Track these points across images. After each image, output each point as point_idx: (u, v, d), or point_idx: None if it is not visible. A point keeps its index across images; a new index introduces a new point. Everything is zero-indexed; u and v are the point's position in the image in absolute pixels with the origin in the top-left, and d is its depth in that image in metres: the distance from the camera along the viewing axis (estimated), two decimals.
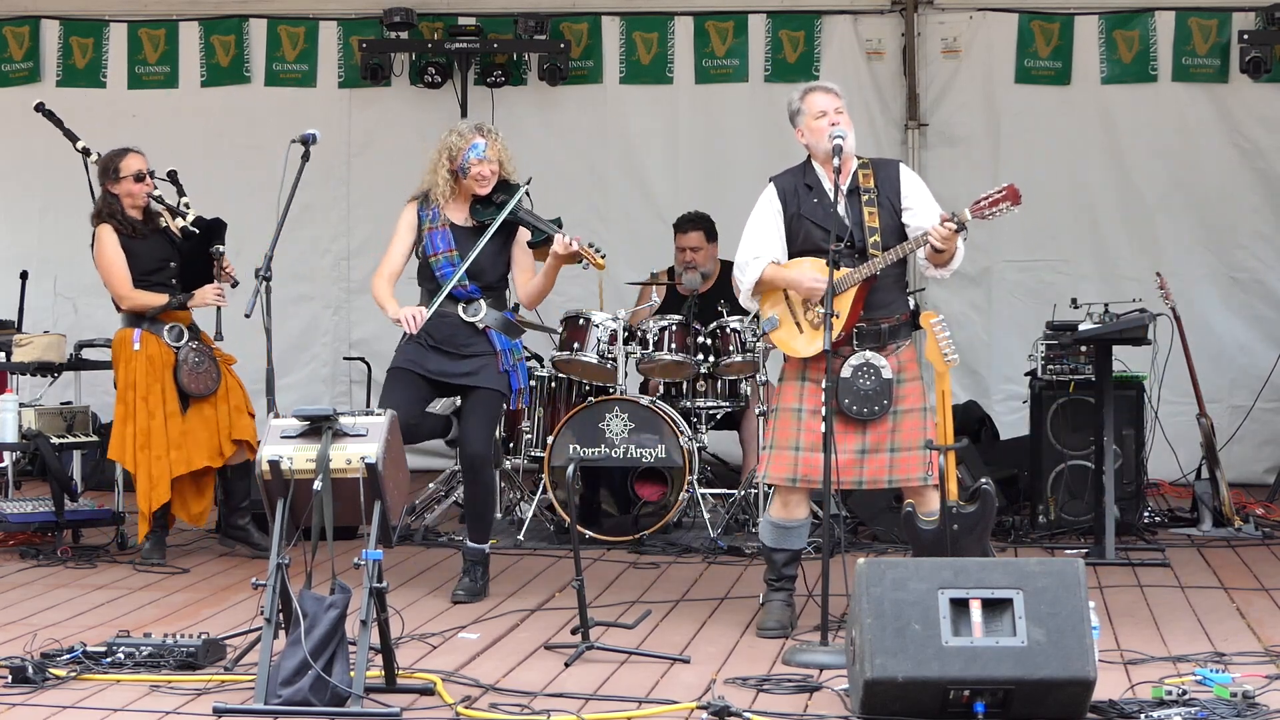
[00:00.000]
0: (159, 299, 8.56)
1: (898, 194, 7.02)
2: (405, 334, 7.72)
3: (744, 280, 7.06)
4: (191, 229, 8.64)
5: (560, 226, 7.63)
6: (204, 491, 8.80)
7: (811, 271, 6.92)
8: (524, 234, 7.77)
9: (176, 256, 8.65)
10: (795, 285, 6.96)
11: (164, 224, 8.70)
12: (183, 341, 8.58)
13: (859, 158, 7.04)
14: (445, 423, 8.02)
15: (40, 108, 9.60)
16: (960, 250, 6.95)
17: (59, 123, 9.36)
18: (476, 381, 7.72)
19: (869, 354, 6.92)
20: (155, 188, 8.66)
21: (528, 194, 7.77)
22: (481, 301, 7.73)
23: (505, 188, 7.72)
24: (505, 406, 7.92)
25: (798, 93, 7.07)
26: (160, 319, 8.59)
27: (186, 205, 8.79)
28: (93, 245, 8.73)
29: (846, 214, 6.94)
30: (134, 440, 8.52)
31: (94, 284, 11.63)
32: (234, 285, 8.58)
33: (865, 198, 6.94)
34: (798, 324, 7.01)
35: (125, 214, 8.62)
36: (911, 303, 7.24)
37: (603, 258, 7.56)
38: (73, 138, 9.22)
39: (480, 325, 7.70)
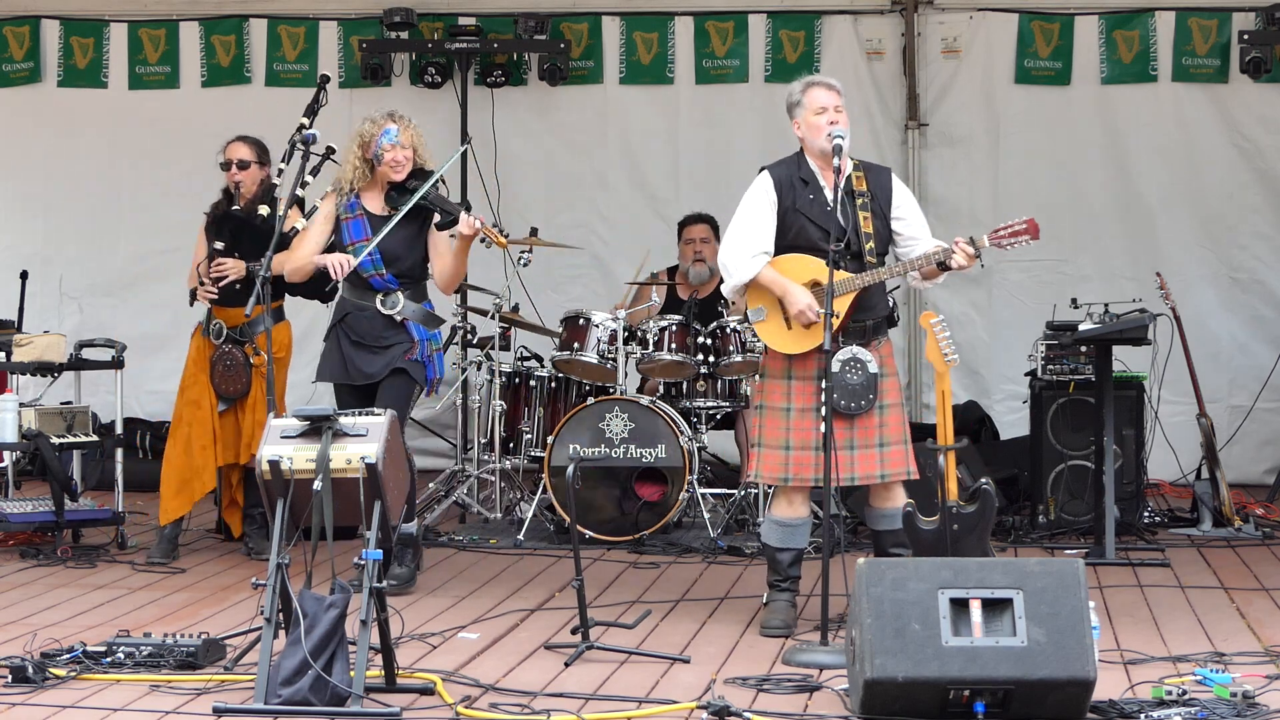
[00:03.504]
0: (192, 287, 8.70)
1: (889, 202, 7.06)
2: (326, 339, 7.78)
3: (737, 274, 7.04)
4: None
5: (468, 210, 7.62)
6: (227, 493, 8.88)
7: (807, 297, 6.90)
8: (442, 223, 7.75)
9: (244, 246, 8.55)
10: (788, 303, 6.93)
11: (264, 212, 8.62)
12: (220, 340, 8.61)
13: (851, 159, 7.05)
14: None
15: (322, 80, 9.15)
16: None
17: (318, 94, 8.94)
18: (388, 368, 7.73)
19: (855, 349, 6.94)
20: (245, 180, 8.57)
21: (443, 180, 7.75)
22: (399, 294, 7.74)
23: (421, 175, 7.72)
24: (425, 392, 7.90)
25: (799, 85, 7.08)
26: (213, 314, 8.65)
27: (304, 184, 8.48)
28: None
29: (844, 216, 6.95)
30: (179, 428, 8.66)
31: (98, 284, 11.74)
32: (215, 282, 8.51)
33: (860, 201, 6.96)
34: (785, 320, 7.01)
35: (222, 199, 8.67)
36: (890, 301, 7.27)
37: (505, 236, 7.54)
38: (310, 113, 8.83)
39: (398, 317, 7.72)
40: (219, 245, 8.55)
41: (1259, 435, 11.21)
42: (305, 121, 8.51)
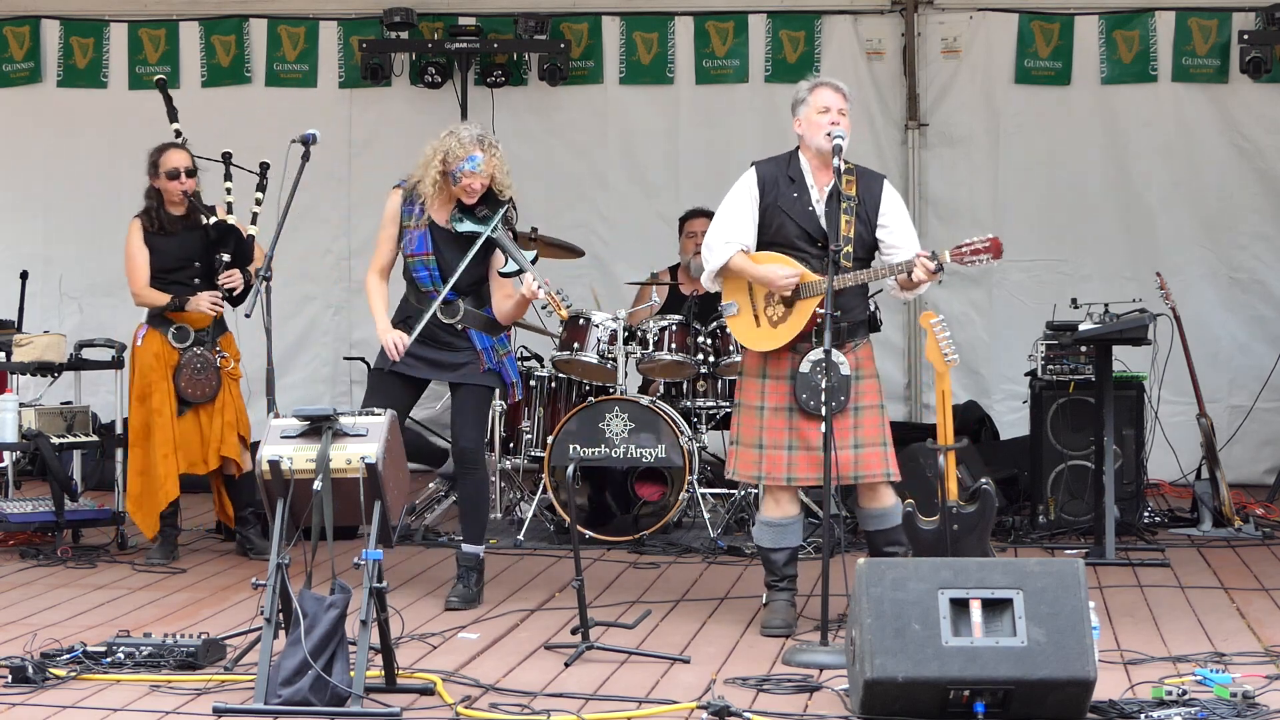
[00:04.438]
0: (163, 299, 8.57)
1: (876, 209, 7.05)
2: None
3: (711, 261, 7.10)
4: (212, 229, 8.62)
5: (534, 263, 7.52)
6: (218, 493, 8.83)
7: (784, 269, 6.93)
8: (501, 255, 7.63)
9: (203, 257, 8.62)
10: (767, 282, 6.95)
11: (204, 220, 8.64)
12: (186, 344, 8.59)
13: (845, 162, 7.03)
14: (431, 451, 7.85)
15: (161, 84, 9.51)
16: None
17: (168, 100, 9.24)
18: (462, 378, 7.65)
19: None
20: (188, 183, 8.59)
21: (514, 206, 7.67)
22: (459, 303, 7.62)
23: (490, 201, 7.62)
24: (504, 399, 7.81)
25: (807, 84, 7.09)
26: (170, 318, 8.59)
27: (227, 190, 8.71)
28: None
29: (825, 215, 6.95)
30: (144, 437, 8.57)
31: (99, 284, 11.72)
32: (224, 296, 8.55)
33: (845, 205, 6.95)
34: (755, 317, 7.03)
35: (159, 209, 8.63)
36: (871, 304, 7.26)
37: (568, 308, 7.43)
38: (173, 118, 9.10)
39: (459, 326, 7.62)
40: (226, 258, 8.54)
41: (1259, 435, 11.22)
42: (177, 127, 8.69)
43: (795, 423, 6.96)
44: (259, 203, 8.67)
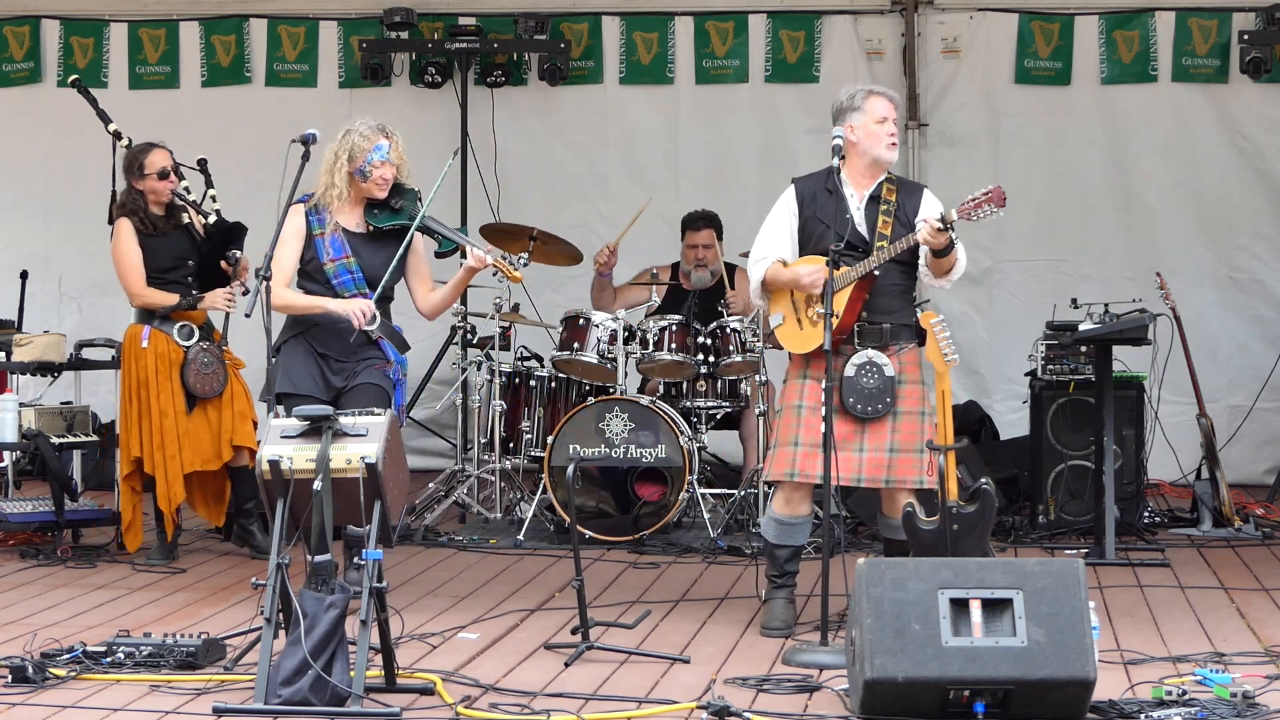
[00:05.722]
0: (170, 298, 8.52)
1: (916, 211, 7.07)
2: (274, 352, 7.33)
3: (752, 280, 7.18)
4: (212, 229, 8.61)
5: (467, 234, 7.43)
6: (221, 491, 8.79)
7: (808, 266, 6.95)
8: (421, 241, 7.47)
9: (195, 255, 8.60)
10: (794, 283, 7.00)
11: (187, 220, 8.64)
12: (192, 341, 8.57)
13: (888, 172, 7.08)
14: None
15: (76, 84, 9.58)
16: (961, 261, 7.04)
17: (93, 101, 9.32)
18: (359, 379, 7.40)
19: (872, 352, 6.94)
20: (178, 184, 8.60)
21: (419, 200, 7.48)
22: (376, 312, 7.40)
23: (400, 192, 7.46)
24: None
25: (860, 92, 7.06)
26: (171, 317, 8.56)
27: (213, 198, 8.78)
28: (111, 238, 8.63)
29: (864, 219, 6.97)
30: (150, 440, 8.50)
31: (98, 284, 11.72)
32: (244, 293, 8.52)
33: (884, 207, 6.99)
34: (799, 321, 7.06)
35: (147, 210, 8.56)
36: (918, 313, 7.24)
37: (524, 266, 7.28)
38: (105, 119, 9.17)
39: (374, 335, 7.40)
40: (239, 254, 8.51)
41: (1259, 435, 11.23)
42: (115, 128, 8.69)
43: (833, 426, 6.92)
44: (214, 199, 8.69)
